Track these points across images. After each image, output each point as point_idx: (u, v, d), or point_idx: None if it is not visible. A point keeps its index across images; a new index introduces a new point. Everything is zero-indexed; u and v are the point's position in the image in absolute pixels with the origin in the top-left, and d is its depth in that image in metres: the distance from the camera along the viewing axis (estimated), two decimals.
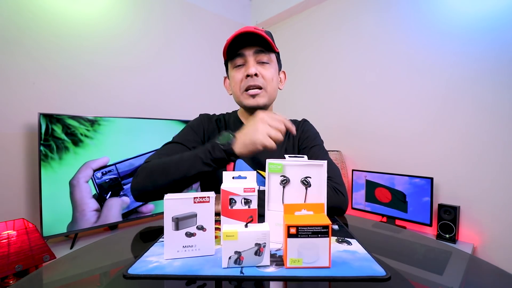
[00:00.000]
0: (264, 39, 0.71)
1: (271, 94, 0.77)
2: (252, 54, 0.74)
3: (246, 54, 0.73)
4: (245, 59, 0.74)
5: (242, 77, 0.74)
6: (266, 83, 0.75)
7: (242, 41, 0.72)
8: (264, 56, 0.74)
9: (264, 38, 0.71)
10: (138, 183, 0.65)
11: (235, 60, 0.75)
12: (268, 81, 0.75)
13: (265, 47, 0.74)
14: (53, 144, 1.48)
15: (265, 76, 0.75)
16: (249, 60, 0.73)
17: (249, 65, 0.73)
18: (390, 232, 0.64)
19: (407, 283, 0.38)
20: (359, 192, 2.02)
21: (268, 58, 0.75)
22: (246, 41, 0.72)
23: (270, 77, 0.75)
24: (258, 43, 0.73)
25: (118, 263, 0.46)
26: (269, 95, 0.77)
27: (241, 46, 0.73)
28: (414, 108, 1.86)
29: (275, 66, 0.79)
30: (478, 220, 1.60)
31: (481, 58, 1.59)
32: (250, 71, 0.72)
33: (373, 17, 2.07)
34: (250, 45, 0.73)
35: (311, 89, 2.50)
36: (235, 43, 0.72)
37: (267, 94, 0.76)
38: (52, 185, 1.47)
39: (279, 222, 0.47)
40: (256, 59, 0.74)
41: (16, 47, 1.54)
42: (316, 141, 0.82)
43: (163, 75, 2.18)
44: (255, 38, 0.71)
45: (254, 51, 0.73)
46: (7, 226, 1.24)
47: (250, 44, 0.73)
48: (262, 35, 0.70)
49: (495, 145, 1.54)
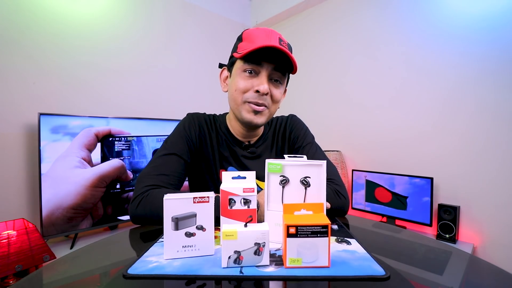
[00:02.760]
0: (290, 62, 0.65)
1: (271, 114, 0.73)
2: (271, 69, 0.67)
3: (264, 65, 0.66)
4: (260, 70, 0.67)
5: (250, 88, 0.67)
6: (271, 103, 0.70)
7: (267, 51, 0.63)
8: (279, 75, 0.69)
9: (291, 61, 0.64)
10: (138, 213, 0.61)
11: (249, 64, 0.66)
12: (274, 101, 0.70)
13: (286, 69, 0.69)
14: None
15: (274, 96, 0.69)
16: (264, 74, 0.66)
17: (262, 80, 0.66)
18: (390, 232, 0.64)
19: (407, 283, 0.38)
20: (359, 192, 2.02)
21: (281, 77, 0.70)
22: (271, 53, 0.64)
23: (278, 98, 0.70)
24: (281, 62, 0.66)
25: (118, 263, 0.46)
26: (270, 115, 0.72)
27: (264, 55, 0.65)
28: (414, 108, 1.86)
29: (283, 86, 0.73)
30: (478, 220, 1.60)
31: (482, 58, 1.58)
32: (262, 88, 0.65)
33: (373, 17, 2.07)
34: (273, 60, 0.66)
35: (311, 89, 2.50)
36: (260, 49, 0.63)
37: (269, 114, 0.71)
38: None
39: (278, 222, 0.47)
40: (270, 75, 0.68)
41: (16, 47, 1.54)
42: (308, 139, 0.80)
43: (163, 75, 2.18)
44: (280, 54, 0.64)
45: (273, 68, 0.67)
46: (7, 226, 1.24)
47: (274, 58, 0.65)
48: (291, 59, 0.64)
49: (495, 145, 1.54)
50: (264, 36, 0.64)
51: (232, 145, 0.77)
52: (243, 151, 0.77)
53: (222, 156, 0.77)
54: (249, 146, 0.78)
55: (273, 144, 0.81)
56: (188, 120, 0.77)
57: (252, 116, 0.69)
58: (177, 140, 0.73)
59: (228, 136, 0.77)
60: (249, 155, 0.77)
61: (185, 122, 0.76)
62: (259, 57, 0.65)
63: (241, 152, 0.77)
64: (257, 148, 0.79)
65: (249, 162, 0.77)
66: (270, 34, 0.65)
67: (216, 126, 0.79)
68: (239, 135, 0.77)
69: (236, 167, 0.76)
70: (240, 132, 0.76)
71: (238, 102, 0.69)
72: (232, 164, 0.77)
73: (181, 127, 0.75)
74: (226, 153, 0.77)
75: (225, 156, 0.77)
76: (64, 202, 1.50)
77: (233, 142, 0.77)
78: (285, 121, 0.84)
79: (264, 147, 0.80)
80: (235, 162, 0.77)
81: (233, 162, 0.77)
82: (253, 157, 0.78)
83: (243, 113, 0.69)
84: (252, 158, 0.77)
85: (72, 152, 1.54)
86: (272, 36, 0.65)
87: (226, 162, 0.76)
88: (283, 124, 0.83)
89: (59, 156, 1.50)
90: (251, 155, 0.77)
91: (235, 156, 0.77)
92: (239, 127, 0.75)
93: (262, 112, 0.69)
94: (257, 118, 0.69)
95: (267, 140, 0.81)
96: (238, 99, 0.69)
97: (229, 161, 0.76)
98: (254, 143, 0.79)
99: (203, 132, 0.77)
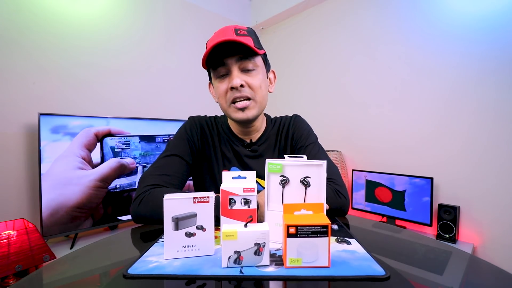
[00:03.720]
0: (246, 46, 0.64)
1: (261, 103, 0.72)
2: (235, 62, 0.67)
3: (228, 62, 0.67)
4: (228, 68, 0.67)
5: (227, 89, 0.68)
6: (254, 93, 0.69)
7: (223, 49, 0.65)
8: (249, 63, 0.68)
9: (246, 45, 0.64)
10: (139, 211, 0.62)
11: (217, 69, 0.68)
12: (256, 90, 0.69)
13: (248, 54, 0.67)
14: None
15: (252, 85, 0.68)
16: (233, 69, 0.67)
17: (232, 76, 0.67)
18: (390, 232, 0.64)
19: (406, 283, 0.38)
20: (359, 192, 2.02)
21: (253, 64, 0.68)
22: (227, 49, 0.65)
23: (257, 85, 0.69)
24: (239, 51, 0.66)
25: (118, 263, 0.46)
26: (259, 104, 0.71)
27: (222, 53, 0.66)
28: (415, 108, 1.86)
29: (263, 70, 0.72)
30: (478, 220, 1.60)
31: (483, 58, 1.58)
32: (234, 83, 0.66)
33: (373, 17, 2.07)
34: (232, 54, 0.66)
35: (311, 89, 2.50)
36: (215, 51, 0.65)
37: (257, 104, 0.71)
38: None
39: (278, 222, 0.47)
40: (240, 66, 0.68)
41: (16, 47, 1.54)
42: (311, 139, 0.80)
43: (163, 75, 2.18)
44: (236, 45, 0.64)
45: (237, 59, 0.67)
46: (7, 226, 1.24)
47: (231, 52, 0.66)
48: (243, 43, 0.63)
49: (495, 145, 1.54)
50: (215, 36, 0.66)
51: (235, 145, 0.78)
52: (246, 149, 0.78)
53: (225, 157, 0.78)
54: (251, 144, 0.79)
55: (276, 143, 0.82)
56: (189, 123, 0.79)
57: (241, 114, 0.70)
58: (179, 142, 0.75)
59: (230, 136, 0.79)
60: (251, 154, 0.78)
61: (186, 125, 0.79)
62: (217, 58, 0.67)
63: (244, 152, 0.78)
64: (259, 146, 0.79)
65: (251, 162, 0.77)
66: (223, 31, 0.66)
67: (217, 127, 0.81)
68: (240, 133, 0.79)
69: (239, 167, 0.77)
70: (240, 130, 0.78)
71: (225, 106, 0.72)
72: (235, 164, 0.77)
73: (183, 129, 0.78)
74: (229, 154, 0.78)
75: (228, 156, 0.78)
76: (69, 201, 1.51)
77: (236, 141, 0.79)
78: (289, 121, 0.84)
79: (266, 146, 0.80)
80: (238, 162, 0.77)
81: (236, 162, 0.77)
82: (256, 156, 0.78)
83: (232, 115, 0.71)
84: (254, 158, 0.78)
85: (73, 152, 1.54)
86: (225, 32, 0.66)
87: (229, 162, 0.77)
88: (287, 124, 0.83)
89: (59, 156, 1.50)
90: (253, 153, 0.78)
91: (238, 156, 0.78)
92: (237, 126, 0.78)
93: (249, 106, 0.69)
94: (246, 113, 0.70)
95: (270, 139, 0.82)
96: (224, 104, 0.71)
97: (232, 161, 0.77)
98: (256, 141, 0.80)
99: (204, 134, 0.78)
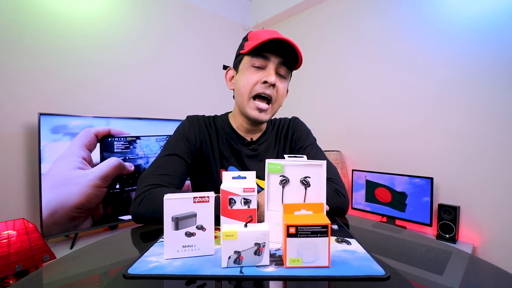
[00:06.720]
0: (297, 56, 0.68)
1: (274, 111, 0.75)
2: (277, 63, 0.69)
3: (271, 59, 0.69)
4: (267, 64, 0.69)
5: (258, 81, 0.69)
6: (276, 98, 0.72)
7: (274, 45, 0.67)
8: (286, 70, 0.72)
9: (298, 55, 0.67)
10: (139, 211, 0.62)
11: (257, 59, 0.69)
12: (279, 96, 0.72)
13: (292, 63, 0.71)
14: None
15: (279, 90, 0.72)
16: (271, 67, 0.69)
17: (270, 72, 0.69)
18: (390, 232, 0.64)
19: (406, 283, 0.38)
20: (359, 192, 2.02)
21: (286, 72, 0.72)
22: (277, 47, 0.67)
23: (282, 93, 0.73)
24: (288, 56, 0.69)
25: (118, 263, 0.46)
26: (273, 111, 0.75)
27: (271, 49, 0.68)
28: (415, 108, 1.86)
29: (287, 83, 0.76)
30: (478, 220, 1.60)
31: (483, 58, 1.58)
32: (271, 79, 0.68)
33: (372, 16, 2.07)
34: (279, 54, 0.69)
35: (311, 89, 2.50)
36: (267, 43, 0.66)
37: (273, 110, 0.74)
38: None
39: (278, 222, 0.47)
40: (278, 69, 0.70)
41: (16, 47, 1.54)
42: (309, 140, 0.82)
43: (163, 75, 2.18)
44: (288, 50, 0.67)
45: (280, 62, 0.69)
46: (7, 226, 1.24)
47: (280, 52, 0.68)
48: (298, 51, 0.66)
49: (495, 145, 1.54)
50: (269, 33, 0.68)
51: (234, 143, 0.78)
52: (245, 148, 0.78)
53: (223, 156, 0.77)
54: (252, 143, 0.79)
55: (275, 144, 0.82)
56: (187, 122, 0.78)
57: (257, 114, 0.71)
58: (177, 142, 0.74)
59: (231, 133, 0.79)
60: (250, 153, 0.78)
61: (184, 124, 0.78)
62: (266, 51, 0.68)
63: (243, 151, 0.78)
64: (259, 145, 0.79)
65: (250, 162, 0.77)
66: (275, 32, 0.68)
67: (216, 126, 0.80)
68: (242, 130, 0.79)
69: (237, 167, 0.77)
70: (244, 127, 0.78)
71: (245, 98, 0.71)
72: (233, 164, 0.77)
73: (181, 129, 0.77)
74: (227, 153, 0.77)
75: (226, 155, 0.77)
76: (68, 201, 1.51)
77: (236, 139, 0.78)
78: (288, 122, 0.86)
79: (266, 146, 0.81)
80: (236, 161, 0.77)
81: (234, 161, 0.77)
82: (255, 156, 0.78)
83: (248, 110, 0.72)
84: (253, 157, 0.78)
85: (73, 152, 1.54)
86: (277, 33, 0.68)
87: (227, 161, 0.77)
88: (286, 126, 0.85)
89: (59, 156, 1.50)
90: (252, 152, 0.78)
91: (237, 155, 0.78)
92: (244, 122, 0.77)
93: (267, 111, 0.72)
94: (262, 115, 0.72)
95: (270, 139, 0.82)
96: (245, 95, 0.71)
97: (230, 161, 0.77)
98: (256, 140, 0.80)
99: (202, 133, 0.78)
